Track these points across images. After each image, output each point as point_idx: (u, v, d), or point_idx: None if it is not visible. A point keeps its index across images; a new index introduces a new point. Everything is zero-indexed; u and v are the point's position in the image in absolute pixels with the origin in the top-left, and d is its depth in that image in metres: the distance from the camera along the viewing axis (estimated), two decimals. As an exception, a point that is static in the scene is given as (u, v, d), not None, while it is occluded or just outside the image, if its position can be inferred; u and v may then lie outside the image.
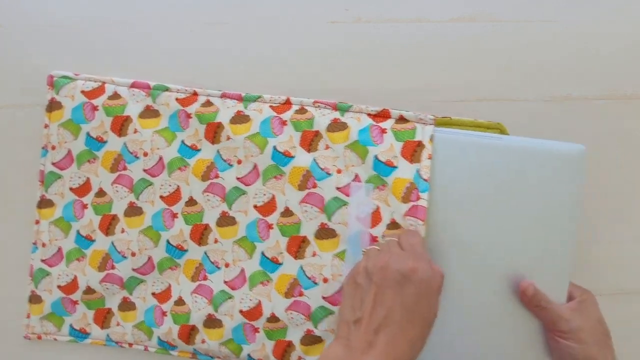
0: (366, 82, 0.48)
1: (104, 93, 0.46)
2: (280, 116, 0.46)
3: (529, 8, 0.49)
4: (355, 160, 0.44)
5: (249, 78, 0.48)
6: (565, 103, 0.49)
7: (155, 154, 0.46)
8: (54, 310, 0.47)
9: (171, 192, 0.46)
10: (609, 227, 0.49)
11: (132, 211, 0.47)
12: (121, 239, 0.47)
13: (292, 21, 0.48)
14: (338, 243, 0.44)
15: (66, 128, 0.46)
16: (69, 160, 0.47)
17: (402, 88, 0.48)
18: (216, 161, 0.46)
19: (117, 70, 0.48)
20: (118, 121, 0.46)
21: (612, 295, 0.49)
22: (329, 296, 0.44)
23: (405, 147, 0.44)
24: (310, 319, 0.45)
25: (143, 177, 0.46)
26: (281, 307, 0.45)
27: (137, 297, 0.47)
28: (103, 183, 0.47)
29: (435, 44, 0.48)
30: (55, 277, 0.47)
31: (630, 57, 0.49)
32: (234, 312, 0.45)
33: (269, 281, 0.45)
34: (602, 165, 0.49)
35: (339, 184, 0.44)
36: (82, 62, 0.48)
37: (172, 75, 0.47)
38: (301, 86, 0.47)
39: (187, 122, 0.46)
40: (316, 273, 0.45)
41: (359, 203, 0.44)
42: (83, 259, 0.47)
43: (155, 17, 0.48)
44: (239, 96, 0.46)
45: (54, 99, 0.46)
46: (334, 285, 0.44)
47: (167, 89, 0.46)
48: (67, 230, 0.47)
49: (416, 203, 0.43)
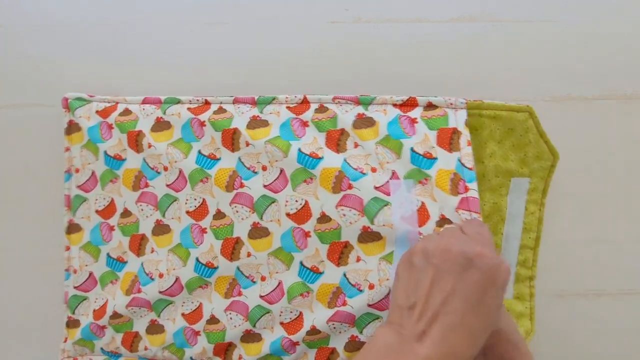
0: (366, 81, 0.48)
1: (116, 110, 0.45)
2: (299, 117, 0.43)
3: (529, 8, 0.49)
4: (390, 156, 0.41)
5: (249, 78, 0.48)
6: (565, 103, 0.49)
7: (175, 168, 0.44)
8: (82, 335, 0.46)
9: (197, 207, 0.44)
10: (609, 227, 0.49)
11: (160, 229, 0.45)
12: (151, 259, 0.45)
13: (292, 21, 0.48)
14: (384, 245, 0.41)
15: (88, 149, 0.45)
16: (94, 182, 0.46)
17: (402, 88, 0.48)
18: (239, 169, 0.43)
19: (117, 70, 0.48)
20: (132, 136, 0.45)
21: (612, 296, 0.49)
22: (375, 303, 0.41)
23: (440, 136, 0.41)
24: (355, 326, 0.42)
25: (167, 192, 0.44)
26: (323, 319, 0.41)
27: (165, 319, 0.45)
28: (127, 202, 0.45)
29: (435, 44, 0.48)
30: (93, 301, 0.46)
31: (630, 57, 0.49)
32: (274, 325, 0.43)
33: (309, 292, 0.42)
34: (602, 165, 0.49)
35: (376, 183, 0.41)
36: (82, 62, 0.48)
37: (172, 75, 0.47)
38: (301, 86, 0.47)
39: (201, 130, 0.44)
40: (361, 279, 0.41)
41: (401, 201, 0.40)
42: (116, 282, 0.46)
43: (155, 17, 0.48)
44: (252, 100, 0.44)
45: (72, 121, 0.46)
46: (382, 291, 0.40)
47: (179, 102, 0.45)
48: (96, 254, 0.46)
49: (466, 195, 0.40)
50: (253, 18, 0.48)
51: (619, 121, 0.49)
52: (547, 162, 0.44)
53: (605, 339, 0.49)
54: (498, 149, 0.43)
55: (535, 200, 0.45)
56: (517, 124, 0.43)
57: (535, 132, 0.43)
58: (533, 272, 0.46)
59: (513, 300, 0.46)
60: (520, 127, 0.43)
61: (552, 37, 0.49)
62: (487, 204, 0.44)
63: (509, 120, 0.43)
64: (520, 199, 0.44)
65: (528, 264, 0.46)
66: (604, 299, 0.49)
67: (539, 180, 0.45)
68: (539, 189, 0.45)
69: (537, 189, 0.45)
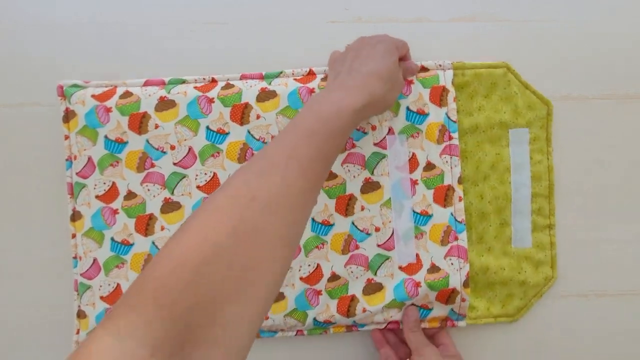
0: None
1: (115, 94, 0.46)
2: (307, 86, 0.46)
3: (529, 8, 0.49)
4: (388, 114, 0.46)
5: (249, 78, 0.48)
6: (566, 103, 0.49)
7: (184, 146, 0.45)
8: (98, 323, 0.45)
9: (208, 181, 0.46)
10: (610, 227, 0.49)
11: (169, 207, 0.46)
12: (162, 236, 0.46)
13: (292, 21, 0.48)
14: (383, 193, 0.46)
15: (83, 135, 0.45)
16: (91, 168, 0.46)
17: (402, 88, 0.48)
18: (249, 141, 0.46)
19: (117, 70, 0.47)
20: (136, 119, 0.45)
21: (613, 296, 0.49)
22: (383, 243, 0.46)
23: (432, 93, 0.46)
24: (369, 269, 0.46)
25: (175, 170, 0.46)
26: (340, 264, 0.46)
27: None
28: (131, 184, 0.46)
29: (435, 44, 0.48)
30: (97, 289, 0.46)
31: (630, 57, 0.49)
32: (295, 281, 0.46)
33: (324, 244, 0.46)
34: (602, 165, 0.49)
35: (375, 139, 0.46)
36: (82, 61, 0.48)
37: (172, 75, 0.47)
38: (301, 86, 0.47)
39: (209, 106, 0.45)
40: (367, 225, 0.46)
41: (396, 153, 0.46)
42: (123, 265, 0.46)
43: (155, 17, 0.48)
44: (260, 75, 0.46)
45: (68, 109, 0.46)
46: (386, 232, 0.46)
47: (184, 81, 0.46)
48: (99, 239, 0.46)
49: (449, 143, 0.46)
50: (253, 18, 0.48)
51: (619, 121, 0.49)
52: (542, 111, 0.48)
53: (606, 339, 0.49)
54: (486, 103, 0.47)
55: (540, 149, 0.48)
56: (497, 79, 0.47)
57: (518, 84, 0.47)
58: (552, 220, 0.48)
59: (532, 249, 0.48)
60: (501, 80, 0.47)
61: (552, 37, 0.49)
62: (489, 155, 0.47)
63: (490, 76, 0.47)
64: (522, 148, 0.47)
65: (544, 212, 0.48)
66: (605, 299, 0.49)
67: (538, 129, 0.48)
68: (541, 137, 0.48)
69: (539, 138, 0.48)
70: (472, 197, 0.47)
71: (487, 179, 0.47)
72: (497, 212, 0.47)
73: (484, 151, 0.47)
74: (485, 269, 0.46)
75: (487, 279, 0.47)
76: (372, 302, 0.46)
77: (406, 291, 0.45)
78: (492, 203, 0.47)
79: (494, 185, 0.47)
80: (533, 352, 0.48)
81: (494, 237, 0.47)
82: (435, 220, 0.46)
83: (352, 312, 0.45)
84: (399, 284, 0.46)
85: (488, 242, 0.47)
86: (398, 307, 0.46)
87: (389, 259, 0.46)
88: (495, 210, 0.47)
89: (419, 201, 0.46)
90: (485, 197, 0.47)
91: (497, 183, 0.47)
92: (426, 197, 0.46)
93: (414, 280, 0.45)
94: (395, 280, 0.46)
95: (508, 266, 0.47)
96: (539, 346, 0.48)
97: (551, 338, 0.48)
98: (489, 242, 0.47)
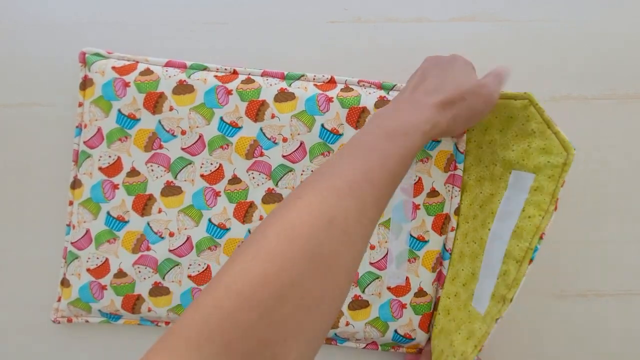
0: (366, 82, 0.48)
1: (136, 69, 0.45)
2: (326, 93, 0.45)
3: (529, 8, 0.49)
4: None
5: (249, 78, 0.48)
6: (566, 103, 0.49)
7: (195, 132, 0.45)
8: (80, 296, 0.45)
9: (212, 171, 0.46)
10: (610, 227, 0.49)
11: (170, 190, 0.46)
12: (158, 219, 0.46)
13: (292, 21, 0.48)
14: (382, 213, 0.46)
15: (97, 105, 0.45)
16: (99, 139, 0.45)
17: (402, 88, 0.48)
18: (259, 139, 0.45)
19: (117, 70, 0.47)
20: (152, 97, 0.45)
21: (612, 296, 0.49)
22: (375, 261, 0.46)
23: None
24: (358, 285, 0.46)
25: (182, 155, 0.45)
26: None
27: (170, 282, 0.46)
28: (136, 162, 0.45)
29: (435, 44, 0.48)
30: (85, 260, 0.45)
31: (630, 57, 0.49)
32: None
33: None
34: (602, 165, 0.49)
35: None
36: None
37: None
38: (301, 86, 0.47)
39: (226, 98, 0.45)
40: None
41: None
42: (114, 241, 0.46)
43: (155, 17, 0.48)
44: (281, 74, 0.46)
45: (87, 76, 0.45)
46: (381, 251, 0.46)
47: (206, 68, 0.46)
48: (95, 211, 0.46)
49: (454, 172, 0.46)
50: (253, 18, 0.48)
51: (619, 121, 0.49)
52: (558, 158, 0.36)
53: (606, 339, 0.49)
54: (499, 138, 0.42)
55: (538, 204, 0.36)
56: (516, 112, 0.39)
57: (540, 120, 0.38)
58: (510, 293, 0.35)
59: (481, 317, 0.39)
60: (520, 114, 0.39)
61: (552, 37, 0.49)
62: (484, 193, 0.43)
63: (506, 108, 0.40)
64: (518, 195, 0.38)
65: (508, 280, 0.36)
66: (604, 299, 0.49)
67: (546, 179, 0.36)
68: (546, 190, 0.36)
69: (542, 190, 0.36)
70: (459, 234, 0.46)
71: (475, 219, 0.44)
72: (471, 258, 0.43)
73: (482, 188, 0.44)
74: (446, 311, 0.45)
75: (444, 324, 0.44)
76: (356, 318, 0.46)
77: (391, 312, 0.46)
78: (469, 246, 0.44)
79: (476, 227, 0.43)
80: (533, 352, 0.48)
81: (463, 285, 0.43)
82: (430, 247, 0.46)
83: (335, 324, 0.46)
84: (385, 304, 0.46)
85: (457, 287, 0.44)
86: (381, 330, 0.46)
87: (379, 278, 0.46)
88: (470, 255, 0.43)
89: (417, 226, 0.46)
90: (467, 238, 0.44)
91: (479, 226, 0.43)
92: (425, 223, 0.46)
93: (401, 302, 0.46)
94: (382, 299, 0.46)
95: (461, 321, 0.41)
96: (538, 346, 0.48)
97: (551, 338, 0.49)
98: (457, 287, 0.44)
